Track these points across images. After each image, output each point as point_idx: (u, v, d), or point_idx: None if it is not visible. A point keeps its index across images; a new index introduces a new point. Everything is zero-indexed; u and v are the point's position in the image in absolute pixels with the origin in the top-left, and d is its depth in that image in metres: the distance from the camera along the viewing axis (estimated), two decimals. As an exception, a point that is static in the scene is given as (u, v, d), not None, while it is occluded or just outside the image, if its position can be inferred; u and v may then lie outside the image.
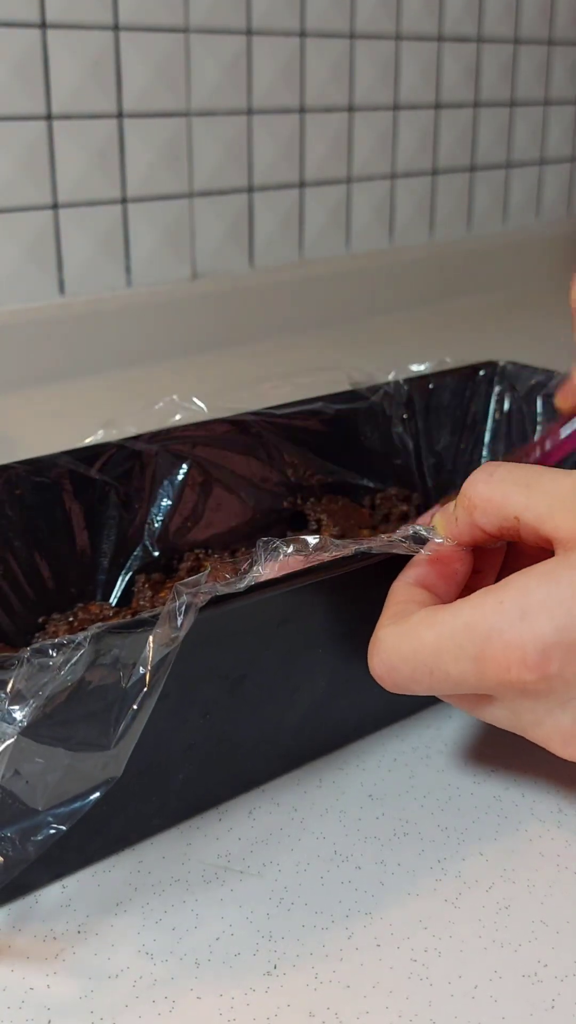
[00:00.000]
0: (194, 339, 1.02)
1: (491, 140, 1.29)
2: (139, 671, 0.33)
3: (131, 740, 0.33)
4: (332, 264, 1.13)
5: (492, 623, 0.33)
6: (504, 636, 0.32)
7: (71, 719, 0.33)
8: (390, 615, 0.36)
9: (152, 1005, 0.33)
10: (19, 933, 0.36)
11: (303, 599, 0.39)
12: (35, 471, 0.49)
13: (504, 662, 0.32)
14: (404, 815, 0.41)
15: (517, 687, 0.33)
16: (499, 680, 0.33)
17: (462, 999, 0.33)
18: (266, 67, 1.03)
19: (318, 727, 0.43)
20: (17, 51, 0.86)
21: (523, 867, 0.38)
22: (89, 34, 0.90)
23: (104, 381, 0.94)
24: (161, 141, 0.97)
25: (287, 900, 0.37)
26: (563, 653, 0.32)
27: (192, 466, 0.54)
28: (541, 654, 0.32)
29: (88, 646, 0.32)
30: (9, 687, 0.32)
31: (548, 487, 0.35)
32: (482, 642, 0.33)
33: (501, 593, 0.33)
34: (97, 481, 0.51)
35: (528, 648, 0.32)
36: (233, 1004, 0.33)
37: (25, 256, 0.91)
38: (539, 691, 0.33)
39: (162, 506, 0.53)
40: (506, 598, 0.33)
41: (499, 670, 0.32)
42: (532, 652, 0.32)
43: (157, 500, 0.53)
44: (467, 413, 0.63)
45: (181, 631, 0.33)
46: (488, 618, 0.33)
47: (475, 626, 0.33)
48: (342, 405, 0.59)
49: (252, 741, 0.41)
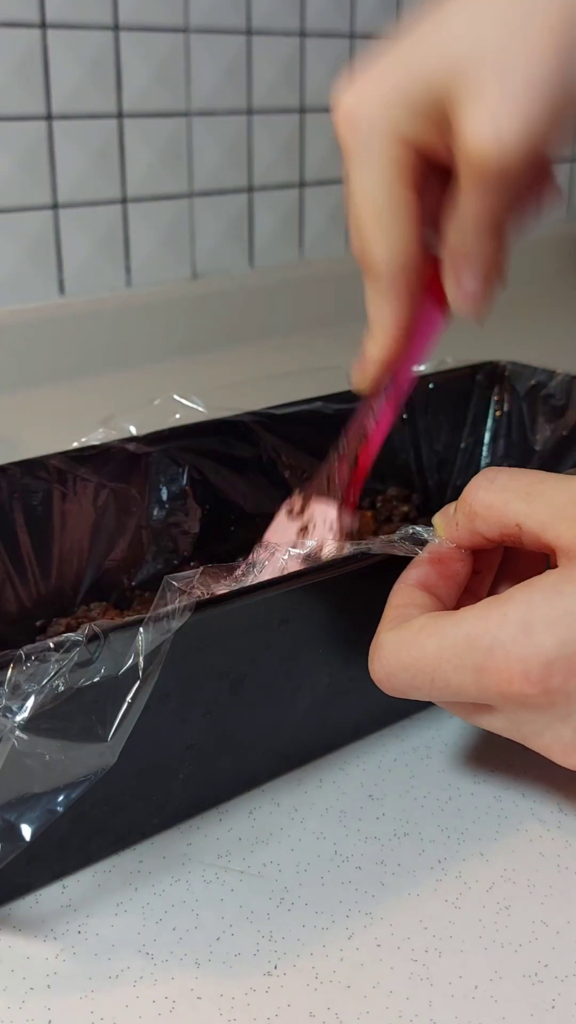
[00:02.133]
0: (194, 339, 1.02)
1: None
2: (131, 661, 0.33)
3: (126, 731, 0.33)
4: (332, 264, 1.13)
5: (495, 636, 0.33)
6: (507, 649, 0.32)
7: (68, 712, 0.33)
8: (391, 619, 0.36)
9: (152, 1005, 0.33)
10: (19, 933, 0.36)
11: (303, 599, 0.39)
12: (32, 472, 0.49)
13: (507, 675, 0.32)
14: (404, 815, 0.41)
15: (518, 700, 0.33)
16: (500, 692, 0.33)
17: (462, 999, 0.33)
18: (266, 67, 1.03)
19: (318, 727, 0.43)
20: (17, 51, 0.86)
21: (523, 867, 0.38)
22: (89, 34, 0.90)
23: (104, 381, 0.94)
24: (161, 141, 0.97)
25: (287, 900, 0.37)
26: (565, 667, 0.32)
27: (191, 467, 0.53)
28: (544, 668, 0.32)
29: (84, 642, 0.33)
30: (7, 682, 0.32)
31: (550, 496, 0.35)
32: (484, 654, 0.33)
33: (505, 606, 0.33)
34: (96, 483, 0.51)
35: (531, 662, 0.32)
36: (233, 1004, 0.33)
37: (25, 256, 0.91)
38: (540, 704, 0.33)
39: (161, 507, 0.53)
40: (510, 611, 0.33)
41: (501, 683, 0.32)
42: (535, 667, 0.32)
43: (156, 502, 0.53)
44: (467, 413, 0.63)
45: (174, 623, 0.33)
46: (491, 631, 0.33)
47: (478, 638, 0.33)
48: (341, 405, 0.59)
49: (252, 741, 0.41)
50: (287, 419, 0.57)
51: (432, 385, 0.62)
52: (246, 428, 0.55)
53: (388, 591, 0.38)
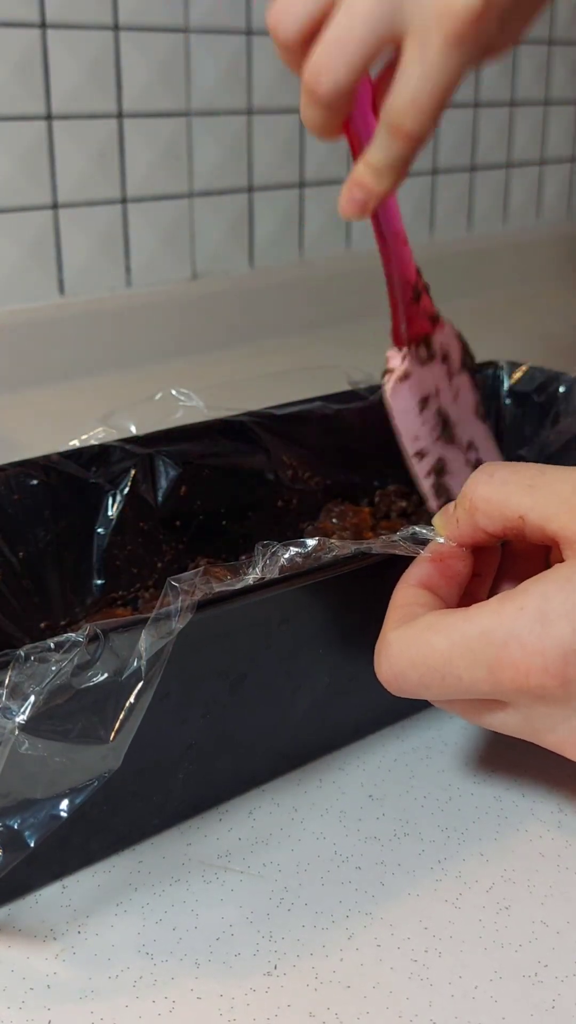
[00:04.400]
0: (194, 339, 1.02)
1: (491, 140, 1.29)
2: (135, 664, 0.33)
3: (129, 733, 0.33)
4: (332, 264, 1.13)
5: (510, 629, 0.32)
6: (523, 642, 0.32)
7: (69, 713, 0.33)
8: (396, 618, 0.36)
9: (152, 1005, 0.33)
10: (19, 933, 0.36)
11: (303, 599, 0.39)
12: (31, 472, 0.49)
13: (524, 668, 0.32)
14: (404, 815, 0.41)
15: (535, 693, 0.33)
16: (516, 686, 0.33)
17: (462, 999, 0.33)
18: (266, 67, 1.03)
19: (318, 727, 0.43)
20: (17, 51, 0.86)
21: (523, 867, 0.38)
22: (89, 34, 0.90)
23: (104, 381, 0.93)
24: (161, 141, 0.97)
25: (287, 900, 0.37)
26: None
27: (191, 467, 0.53)
28: (562, 659, 0.32)
29: (84, 642, 0.32)
30: (7, 682, 0.32)
31: (555, 487, 0.35)
32: (499, 648, 0.33)
33: (520, 599, 0.33)
34: (96, 483, 0.51)
35: (549, 654, 0.32)
36: (233, 1004, 0.33)
37: (25, 256, 0.91)
38: (557, 697, 0.33)
39: (161, 507, 0.53)
40: (526, 604, 0.33)
41: (517, 676, 0.32)
42: (553, 658, 0.32)
43: (157, 501, 0.53)
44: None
45: (176, 624, 0.33)
46: (506, 624, 0.33)
47: (492, 632, 0.33)
48: (341, 405, 0.59)
49: (252, 741, 0.41)
50: (287, 419, 0.57)
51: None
52: (246, 428, 0.55)
53: (389, 591, 0.38)
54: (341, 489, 0.59)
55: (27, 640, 0.48)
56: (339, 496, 0.59)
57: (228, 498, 0.55)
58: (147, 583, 0.52)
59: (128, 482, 0.51)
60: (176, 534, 0.53)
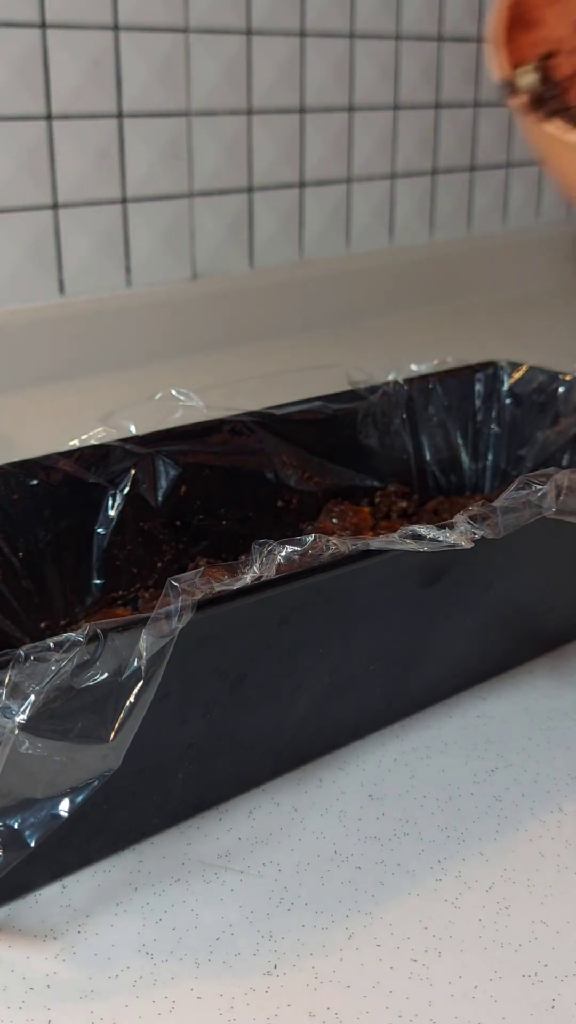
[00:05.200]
0: (194, 339, 1.02)
1: (491, 140, 1.29)
2: (135, 664, 0.33)
3: (129, 732, 0.33)
4: (332, 264, 1.13)
5: None
6: None
7: (69, 713, 0.33)
8: None
9: (152, 1005, 0.33)
10: (19, 933, 0.36)
11: (303, 599, 0.39)
12: (31, 472, 0.49)
13: None
14: (404, 815, 0.41)
15: None
16: None
17: (462, 999, 0.33)
18: (266, 67, 1.03)
19: (318, 727, 0.43)
20: (17, 51, 0.86)
21: (523, 867, 0.38)
22: (89, 34, 0.90)
23: (104, 381, 0.93)
24: (161, 141, 0.97)
25: (287, 900, 0.37)
26: None
27: (190, 467, 0.53)
28: None
29: (84, 642, 0.32)
30: (7, 682, 0.32)
31: None
32: None
33: None
34: (96, 483, 0.51)
35: None
36: (233, 1004, 0.33)
37: (25, 256, 0.91)
38: None
39: (162, 507, 0.53)
40: None
41: None
42: None
43: (157, 501, 0.53)
44: (467, 413, 0.63)
45: (176, 625, 0.33)
46: None
47: None
48: (341, 405, 0.59)
49: (252, 741, 0.41)
50: (287, 419, 0.57)
51: (432, 385, 0.62)
52: (246, 428, 0.55)
53: (388, 590, 0.38)
54: (341, 489, 0.59)
55: (27, 640, 0.48)
56: (339, 496, 0.59)
57: (228, 498, 0.55)
58: (147, 583, 0.52)
59: (128, 482, 0.51)
60: (176, 534, 0.54)
